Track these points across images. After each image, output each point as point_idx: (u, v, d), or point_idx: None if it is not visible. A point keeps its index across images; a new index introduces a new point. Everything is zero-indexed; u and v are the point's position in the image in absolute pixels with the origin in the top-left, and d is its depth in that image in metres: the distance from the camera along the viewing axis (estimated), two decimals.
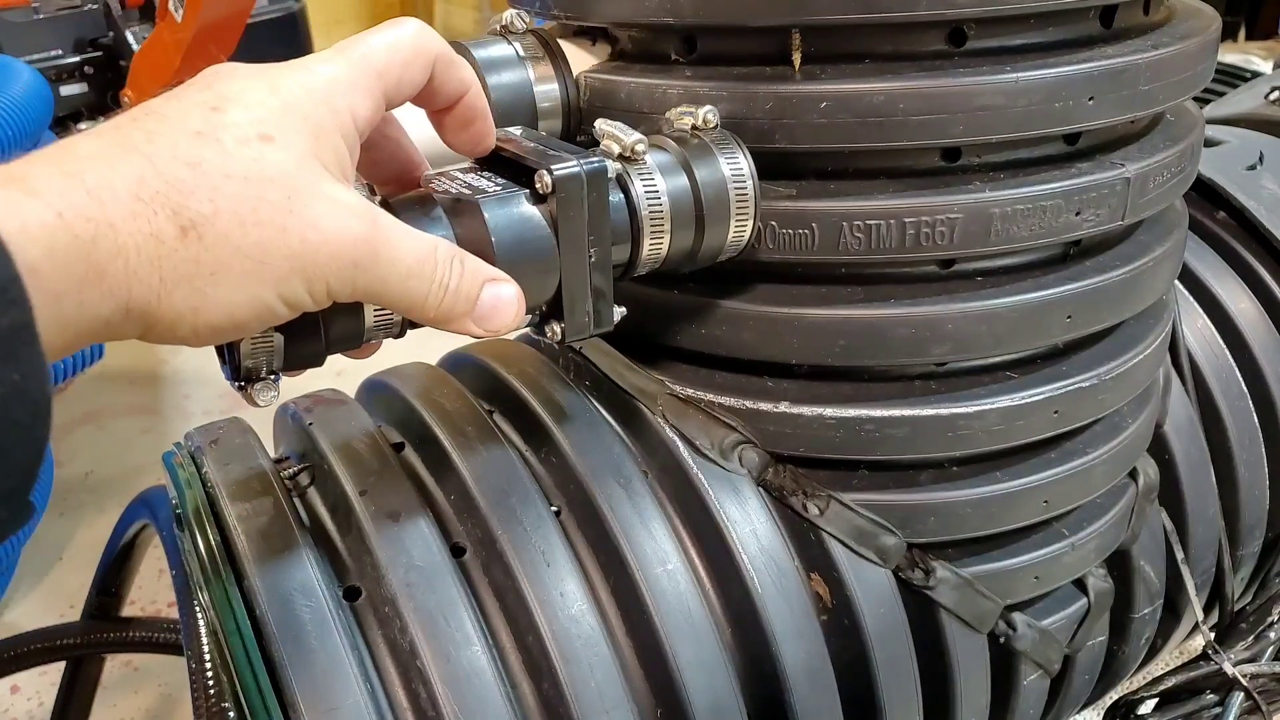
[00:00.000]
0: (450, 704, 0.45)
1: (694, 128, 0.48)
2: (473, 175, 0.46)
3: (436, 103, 0.43)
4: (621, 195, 0.46)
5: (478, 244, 0.42)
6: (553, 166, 0.43)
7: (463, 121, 0.44)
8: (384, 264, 0.38)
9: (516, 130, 0.48)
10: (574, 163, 0.43)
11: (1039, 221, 0.48)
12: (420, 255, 0.39)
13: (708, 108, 0.48)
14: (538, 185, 0.43)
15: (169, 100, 0.36)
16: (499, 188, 0.44)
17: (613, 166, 0.45)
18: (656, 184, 0.46)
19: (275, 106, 0.36)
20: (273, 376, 0.41)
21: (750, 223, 0.48)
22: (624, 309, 0.48)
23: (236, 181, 0.34)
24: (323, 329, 0.41)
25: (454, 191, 0.44)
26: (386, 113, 0.42)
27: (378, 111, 0.40)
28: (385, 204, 0.43)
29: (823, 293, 0.51)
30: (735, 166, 0.47)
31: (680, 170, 0.47)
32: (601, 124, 0.47)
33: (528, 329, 0.49)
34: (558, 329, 0.46)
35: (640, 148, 0.46)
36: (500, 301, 0.42)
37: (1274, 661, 0.70)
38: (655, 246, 0.47)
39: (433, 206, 0.43)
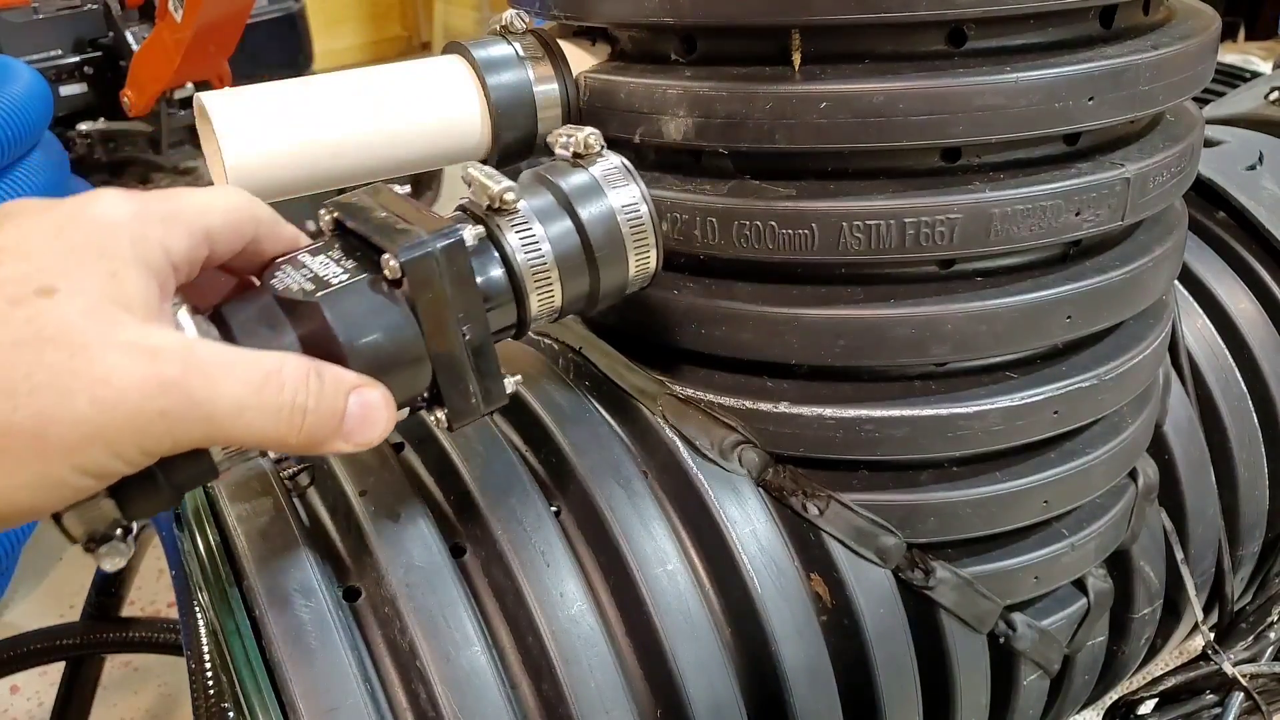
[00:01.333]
0: (450, 704, 0.45)
1: (576, 155, 0.45)
2: (321, 259, 0.40)
3: (253, 268, 0.40)
4: (496, 253, 0.41)
5: (327, 348, 0.37)
6: (400, 248, 0.37)
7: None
8: (205, 405, 0.33)
9: (368, 197, 0.42)
10: (425, 240, 0.38)
11: (1039, 221, 0.48)
12: (255, 383, 0.34)
13: (589, 130, 0.45)
14: (385, 272, 0.38)
15: None
16: (345, 275, 0.38)
17: (472, 233, 0.40)
18: (534, 233, 0.42)
19: (60, 250, 0.32)
20: (121, 534, 0.36)
21: (654, 252, 0.45)
22: (519, 376, 0.45)
23: (4, 350, 0.30)
24: (163, 478, 0.35)
25: (295, 287, 0.38)
26: (262, 213, 0.39)
27: (197, 250, 0.36)
28: (217, 316, 0.37)
29: (823, 293, 0.51)
30: (626, 197, 0.44)
31: (561, 212, 0.43)
32: (470, 170, 0.43)
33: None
34: (442, 416, 0.42)
35: (510, 196, 0.41)
36: (369, 410, 0.37)
37: (1274, 661, 0.70)
38: (546, 300, 0.43)
39: (273, 310, 0.38)
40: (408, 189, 0.45)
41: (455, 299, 0.39)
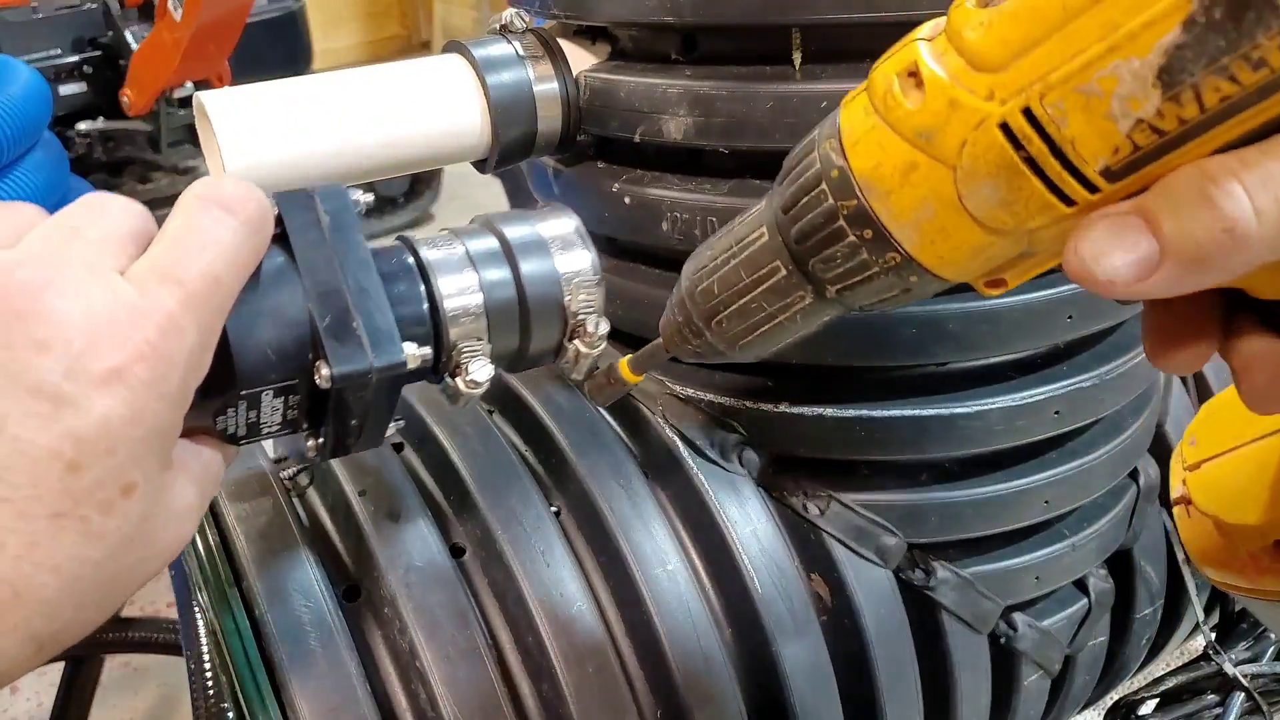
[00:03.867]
0: (450, 704, 0.45)
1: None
2: None
3: None
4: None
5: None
6: (334, 368, 0.35)
7: None
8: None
9: (333, 261, 0.37)
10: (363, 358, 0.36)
11: None
12: None
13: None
14: (316, 379, 0.36)
15: None
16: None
17: (413, 356, 0.38)
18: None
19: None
20: None
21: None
22: (402, 420, 0.43)
23: None
24: None
25: None
26: None
27: None
28: None
29: None
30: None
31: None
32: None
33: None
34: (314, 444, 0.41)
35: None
36: None
37: (1275, 661, 0.70)
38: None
39: None
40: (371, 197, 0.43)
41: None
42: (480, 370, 0.40)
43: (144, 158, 2.19)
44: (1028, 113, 0.24)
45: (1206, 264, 0.23)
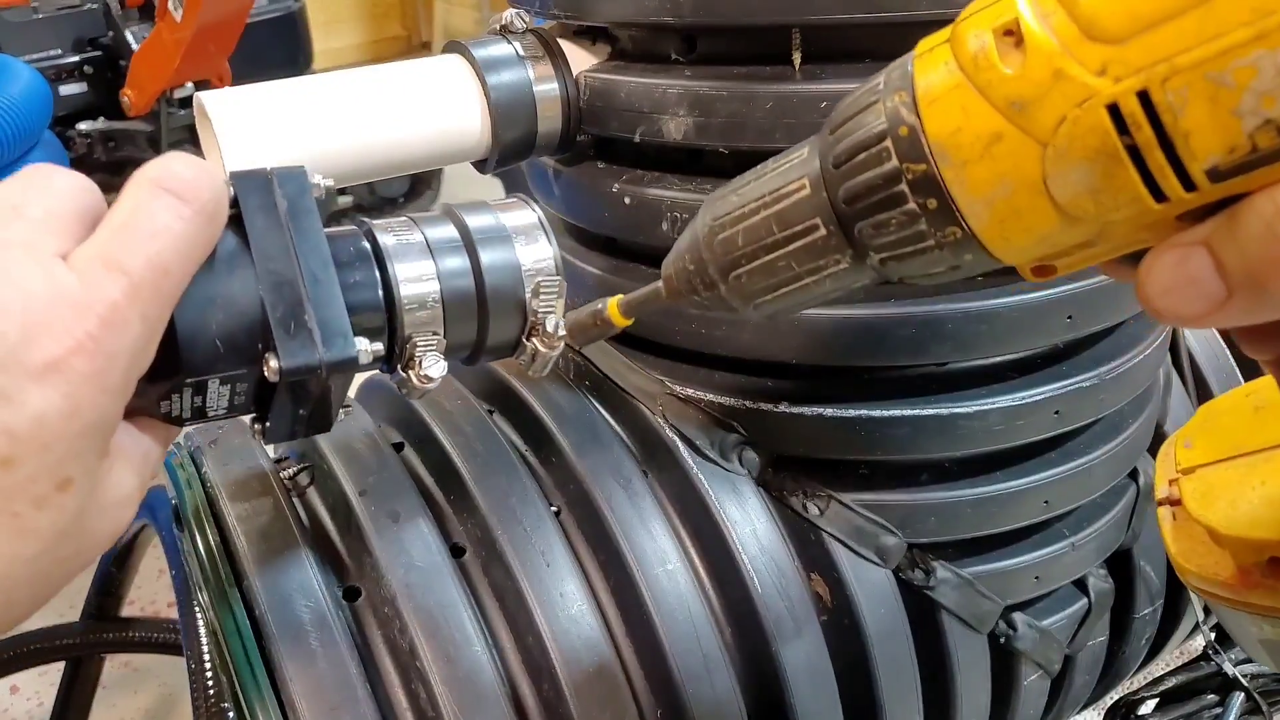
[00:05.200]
0: (450, 704, 0.45)
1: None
2: None
3: None
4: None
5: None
6: (283, 361, 0.35)
7: None
8: None
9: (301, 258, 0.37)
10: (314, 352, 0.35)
11: None
12: None
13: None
14: (265, 371, 0.36)
15: None
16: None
17: (365, 351, 0.37)
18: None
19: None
20: None
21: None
22: (350, 405, 0.44)
23: None
24: None
25: None
26: None
27: None
28: None
29: None
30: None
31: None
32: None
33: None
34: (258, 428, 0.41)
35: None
36: None
37: None
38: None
39: None
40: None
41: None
42: (434, 366, 0.39)
43: (144, 158, 2.18)
44: (1143, 96, 0.21)
45: (1274, 302, 0.22)
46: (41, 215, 0.30)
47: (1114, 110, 0.22)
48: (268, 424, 0.39)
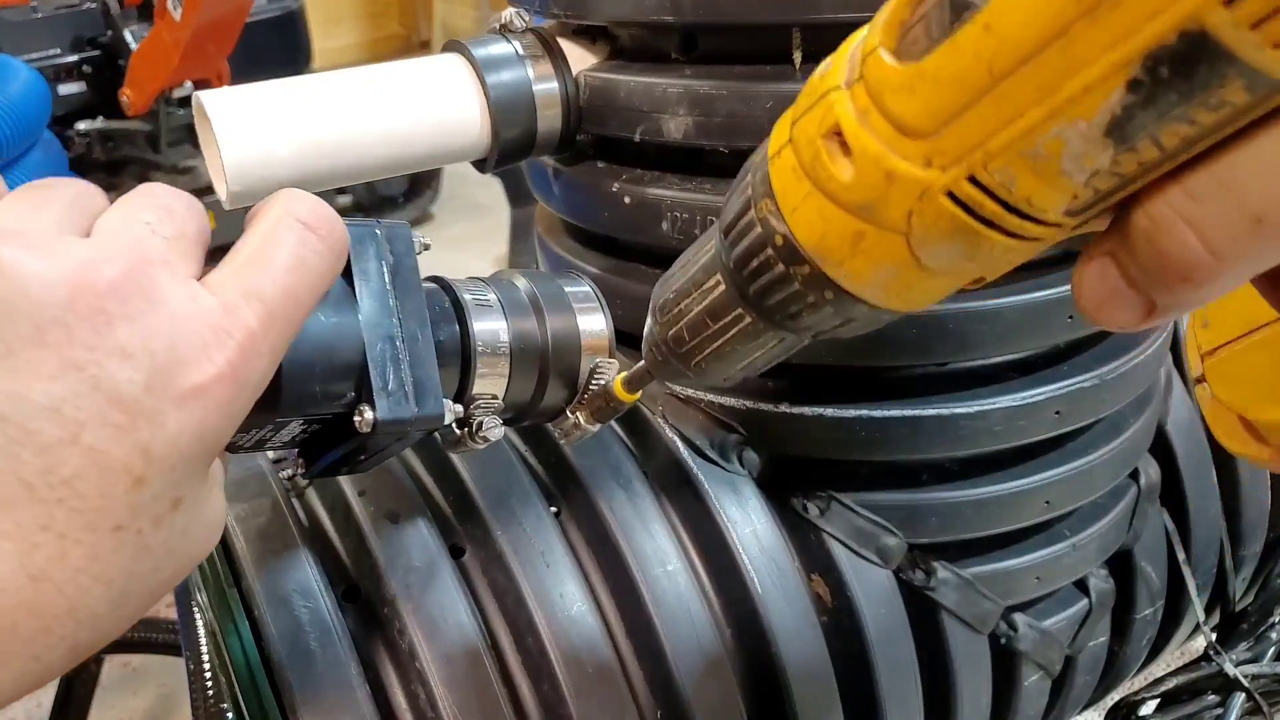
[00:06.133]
0: (450, 705, 0.45)
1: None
2: None
3: None
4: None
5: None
6: (379, 414, 0.35)
7: None
8: None
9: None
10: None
11: None
12: None
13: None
14: (356, 421, 0.36)
15: None
16: None
17: (451, 410, 0.38)
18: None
19: None
20: None
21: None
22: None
23: None
24: None
25: None
26: None
27: None
28: None
29: None
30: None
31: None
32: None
33: None
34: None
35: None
36: None
37: (1275, 662, 0.70)
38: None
39: None
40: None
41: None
42: (493, 429, 0.40)
43: (143, 157, 2.20)
44: (973, 179, 0.22)
45: (1187, 305, 0.22)
46: (171, 235, 0.30)
47: (953, 196, 0.22)
48: (314, 460, 0.40)
